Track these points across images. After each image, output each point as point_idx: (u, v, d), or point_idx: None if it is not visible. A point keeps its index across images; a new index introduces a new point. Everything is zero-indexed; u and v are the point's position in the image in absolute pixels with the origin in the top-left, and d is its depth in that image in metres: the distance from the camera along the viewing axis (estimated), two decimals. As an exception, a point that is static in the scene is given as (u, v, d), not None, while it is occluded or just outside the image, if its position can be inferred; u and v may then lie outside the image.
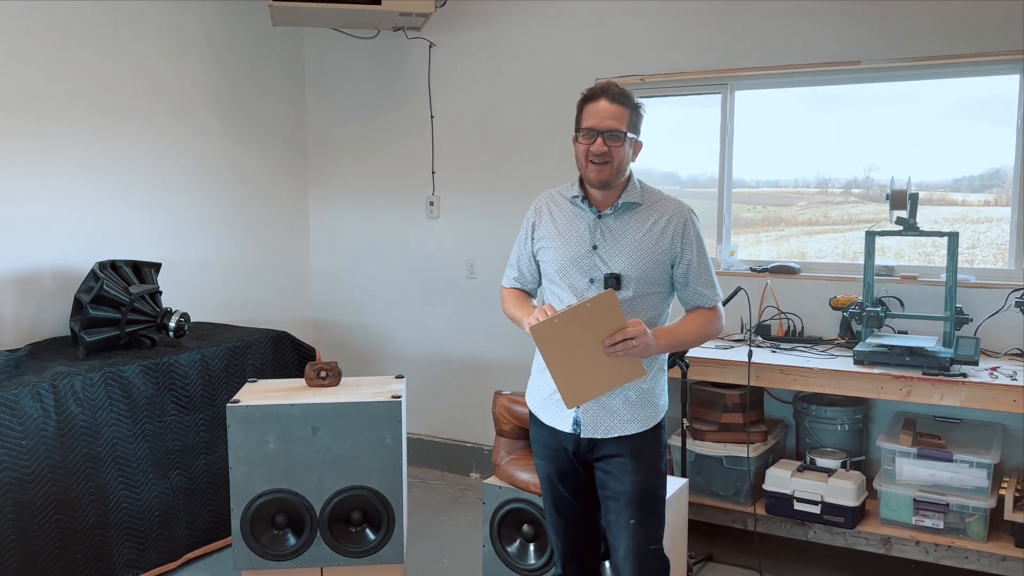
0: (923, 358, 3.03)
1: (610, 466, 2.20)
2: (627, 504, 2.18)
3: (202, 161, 4.23)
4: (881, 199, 3.74)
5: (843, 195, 3.88)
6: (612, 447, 2.20)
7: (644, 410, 2.22)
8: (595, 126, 2.13)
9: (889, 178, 3.28)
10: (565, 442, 2.25)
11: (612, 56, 3.95)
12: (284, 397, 2.96)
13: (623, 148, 2.13)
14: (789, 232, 3.99)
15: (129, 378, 3.20)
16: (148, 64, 3.94)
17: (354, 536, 2.96)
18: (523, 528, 2.85)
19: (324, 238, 4.89)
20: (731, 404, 3.39)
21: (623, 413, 2.19)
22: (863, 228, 3.81)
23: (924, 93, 3.54)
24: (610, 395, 2.17)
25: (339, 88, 4.72)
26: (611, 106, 2.12)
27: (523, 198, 4.42)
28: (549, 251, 2.26)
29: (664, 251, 2.18)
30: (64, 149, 3.61)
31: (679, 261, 2.21)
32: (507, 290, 2.44)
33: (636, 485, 2.17)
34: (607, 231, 2.20)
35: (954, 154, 3.52)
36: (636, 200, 2.21)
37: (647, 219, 2.20)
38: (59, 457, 2.95)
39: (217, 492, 3.48)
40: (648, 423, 2.22)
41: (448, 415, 4.56)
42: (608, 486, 2.22)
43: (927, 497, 3.07)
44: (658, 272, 2.19)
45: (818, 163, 3.87)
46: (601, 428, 2.20)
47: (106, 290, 3.33)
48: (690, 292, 2.25)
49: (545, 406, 2.29)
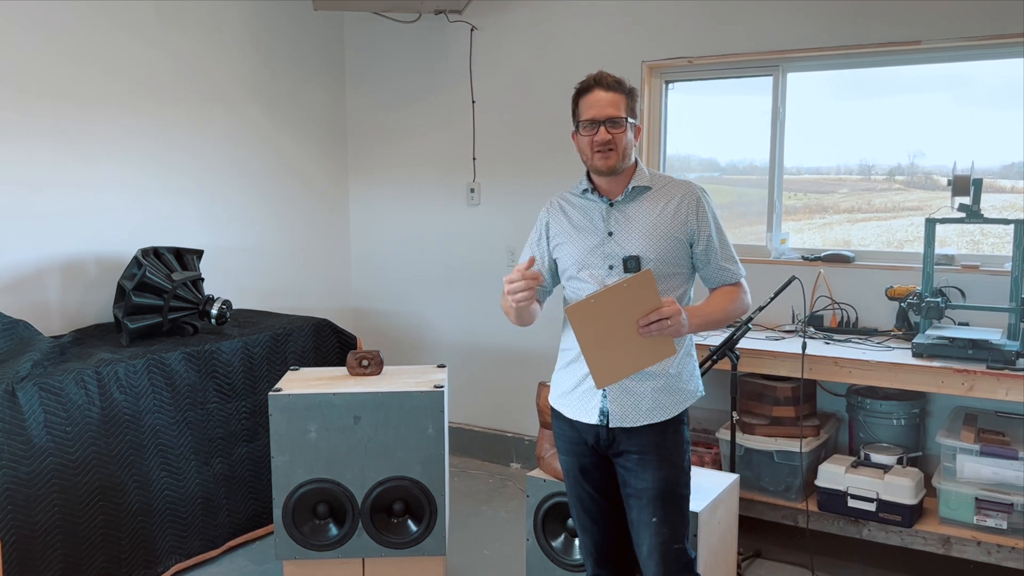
0: (987, 351, 2.89)
1: (630, 462, 2.16)
2: (649, 502, 2.13)
3: (243, 148, 4.22)
4: (927, 186, 3.67)
5: (886, 182, 3.79)
6: (633, 442, 2.15)
7: (672, 396, 2.17)
8: (595, 116, 2.13)
9: (936, 164, 3.16)
10: (586, 435, 2.21)
11: (659, 38, 3.84)
12: (326, 386, 2.93)
13: (625, 133, 2.14)
14: (832, 220, 3.90)
15: (171, 365, 3.19)
16: (188, 51, 3.92)
17: (396, 527, 2.93)
18: (567, 523, 2.79)
19: (364, 226, 4.86)
20: (783, 397, 3.28)
21: (651, 400, 2.14)
22: (907, 216, 3.68)
23: (971, 76, 3.39)
24: (639, 382, 2.13)
25: (380, 73, 4.67)
26: (607, 95, 2.14)
27: (566, 185, 4.30)
28: (566, 246, 2.24)
29: (680, 229, 2.16)
30: (107, 136, 3.61)
31: (697, 238, 2.18)
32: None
33: (658, 483, 2.13)
34: (621, 216, 2.19)
35: (1002, 140, 3.38)
36: (646, 184, 2.20)
37: (659, 200, 2.18)
38: (103, 444, 2.95)
39: (259, 480, 3.47)
40: (676, 410, 2.17)
41: (488, 404, 4.51)
42: (629, 483, 2.17)
43: (990, 496, 2.94)
44: (677, 252, 2.16)
45: (860, 149, 3.77)
46: (630, 416, 2.14)
47: (149, 277, 3.32)
48: (712, 269, 2.22)
49: (569, 400, 2.25)
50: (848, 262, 3.57)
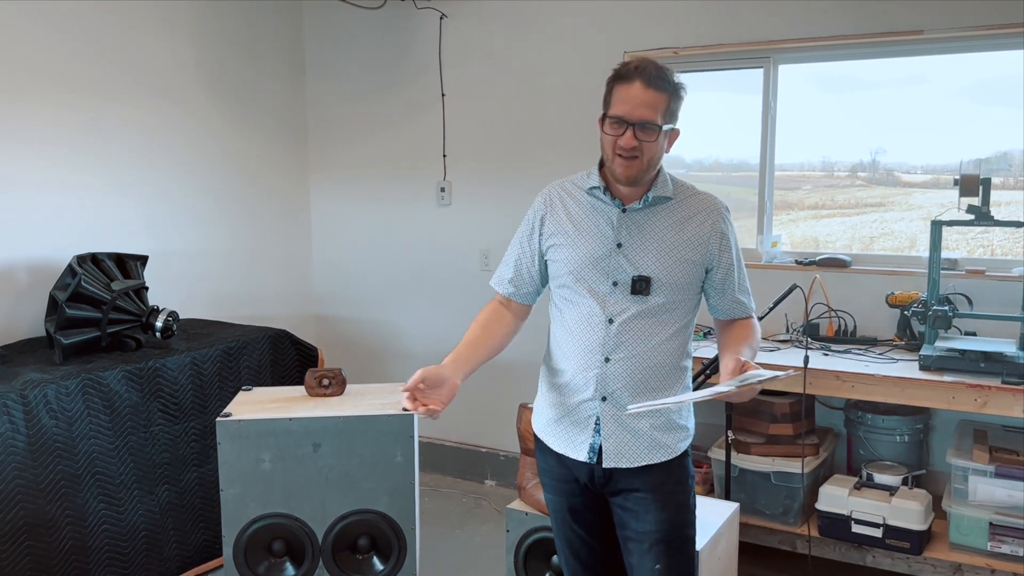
0: (1001, 364, 2.69)
1: (629, 502, 1.91)
2: (651, 547, 1.88)
3: (193, 144, 3.90)
4: (888, 182, 3.65)
5: (849, 178, 3.74)
6: (633, 479, 1.91)
7: (671, 434, 1.93)
8: (625, 115, 1.79)
9: (897, 161, 3.09)
10: (577, 472, 1.95)
11: (643, 27, 3.60)
12: (281, 409, 2.64)
13: (656, 142, 1.82)
14: (797, 216, 3.84)
15: (110, 385, 2.88)
16: (133, 39, 3.59)
17: (361, 565, 2.65)
18: (552, 560, 2.53)
19: (326, 227, 4.56)
20: (780, 414, 3.05)
21: (650, 437, 1.90)
22: (870, 212, 3.67)
23: (932, 74, 3.34)
24: (636, 419, 1.89)
25: (342, 64, 4.38)
26: (646, 91, 1.79)
27: (542, 184, 4.06)
28: (563, 249, 1.94)
29: (698, 252, 1.89)
30: (40, 132, 3.28)
31: (717, 265, 1.92)
32: (488, 306, 2.08)
33: (661, 525, 1.88)
34: (634, 227, 1.89)
35: (961, 137, 3.32)
36: (667, 194, 1.90)
37: (679, 215, 1.90)
38: (30, 476, 2.64)
39: (210, 508, 3.18)
40: (676, 450, 1.94)
41: (461, 418, 4.24)
42: (628, 525, 1.92)
43: (1005, 521, 2.74)
44: (691, 276, 1.90)
45: (823, 146, 3.70)
46: (625, 456, 1.89)
47: (85, 286, 3.01)
48: (727, 301, 1.97)
49: (554, 430, 1.98)
50: (845, 267, 3.36)
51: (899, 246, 3.57)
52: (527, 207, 2.02)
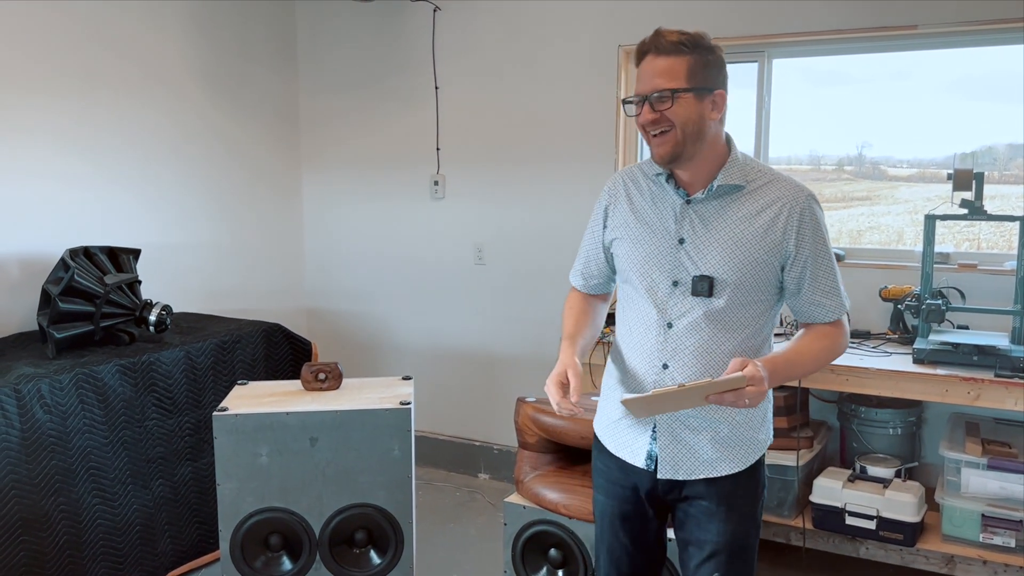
0: (994, 358, 2.71)
1: (695, 509, 1.80)
2: (712, 556, 1.78)
3: (185, 136, 3.86)
4: (874, 176, 3.67)
5: (835, 172, 3.76)
6: (699, 488, 1.79)
7: (738, 449, 1.79)
8: (639, 91, 1.68)
9: (883, 155, 3.12)
10: (638, 479, 1.83)
11: (637, 21, 3.58)
12: (278, 403, 2.62)
13: (683, 107, 1.64)
14: None
15: (104, 379, 2.86)
16: (125, 31, 3.55)
17: (358, 559, 2.65)
18: (550, 553, 2.53)
19: (319, 220, 4.54)
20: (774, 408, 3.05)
21: (710, 452, 1.77)
22: (857, 206, 3.69)
23: (918, 70, 3.37)
24: (692, 432, 1.76)
25: (334, 56, 4.34)
26: (658, 60, 1.65)
27: (538, 177, 4.13)
28: (624, 243, 1.81)
29: (772, 250, 1.71)
30: (31, 123, 3.23)
31: (792, 262, 1.73)
32: (572, 293, 2.02)
33: (724, 536, 1.77)
34: (697, 221, 1.73)
35: (947, 132, 3.34)
36: (737, 181, 1.72)
37: (751, 206, 1.72)
38: (24, 471, 2.62)
39: (205, 502, 3.17)
40: (744, 462, 1.79)
41: (455, 411, 4.24)
42: (689, 530, 1.82)
43: (997, 512, 2.76)
44: (763, 276, 1.72)
45: (810, 140, 3.72)
46: (682, 469, 1.78)
47: (77, 280, 2.98)
48: (803, 302, 1.78)
49: (614, 431, 1.87)
50: (838, 260, 3.36)
51: (887, 240, 3.59)
52: (522, 200, 1.96)
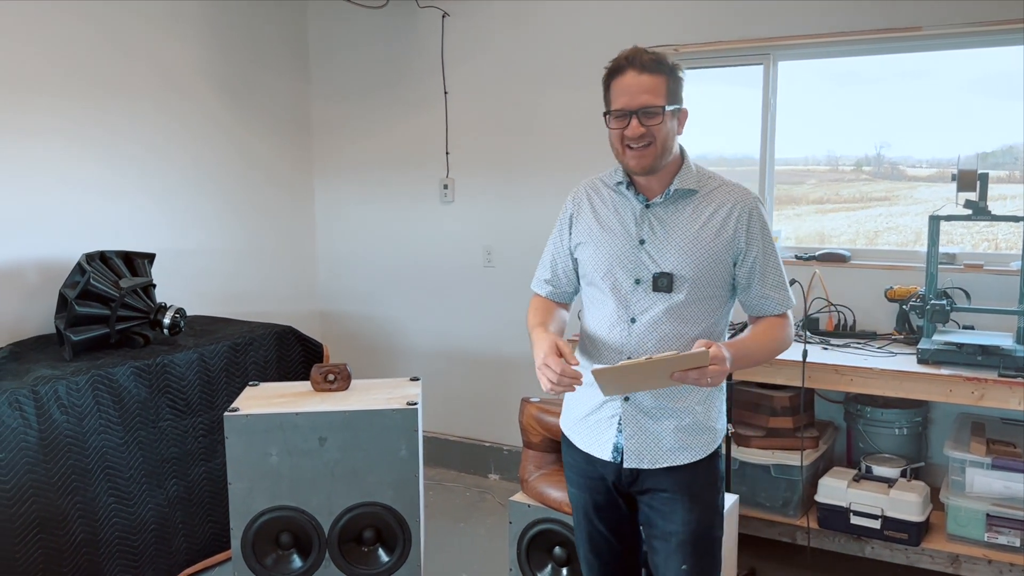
0: (998, 358, 2.72)
1: (657, 501, 1.89)
2: (678, 547, 1.87)
3: (199, 142, 3.93)
4: (893, 176, 3.64)
5: (854, 173, 3.75)
6: (660, 479, 1.89)
7: (698, 436, 1.89)
8: (626, 105, 1.78)
9: (901, 155, 3.12)
10: (604, 470, 1.94)
11: (644, 24, 3.62)
12: (288, 404, 2.67)
13: (664, 124, 1.79)
14: (802, 211, 3.85)
15: (119, 380, 2.92)
16: (140, 36, 3.62)
17: (366, 557, 2.69)
18: (555, 551, 2.57)
19: (331, 224, 4.60)
20: (780, 407, 3.09)
21: (672, 441, 1.87)
22: (875, 206, 3.67)
23: (935, 69, 3.35)
24: (656, 420, 1.87)
25: (345, 62, 4.40)
26: (641, 77, 1.78)
27: (545, 181, 4.17)
28: (588, 247, 1.94)
29: (725, 246, 1.85)
30: (50, 129, 3.30)
31: (743, 258, 1.87)
32: (535, 299, 2.10)
33: (688, 525, 1.86)
34: (656, 222, 1.87)
35: (966, 131, 3.32)
36: (691, 186, 1.87)
37: (705, 208, 1.86)
38: (42, 470, 2.68)
39: (218, 502, 3.22)
40: (703, 451, 1.90)
41: (464, 412, 4.28)
42: (655, 524, 1.90)
43: (1002, 512, 2.77)
44: (717, 272, 1.86)
45: (828, 140, 3.70)
46: (647, 457, 1.87)
47: (93, 284, 3.05)
48: (753, 296, 1.92)
49: (580, 428, 1.98)
50: (844, 261, 3.39)
51: (904, 240, 3.57)
52: (530, 203, 2.04)
